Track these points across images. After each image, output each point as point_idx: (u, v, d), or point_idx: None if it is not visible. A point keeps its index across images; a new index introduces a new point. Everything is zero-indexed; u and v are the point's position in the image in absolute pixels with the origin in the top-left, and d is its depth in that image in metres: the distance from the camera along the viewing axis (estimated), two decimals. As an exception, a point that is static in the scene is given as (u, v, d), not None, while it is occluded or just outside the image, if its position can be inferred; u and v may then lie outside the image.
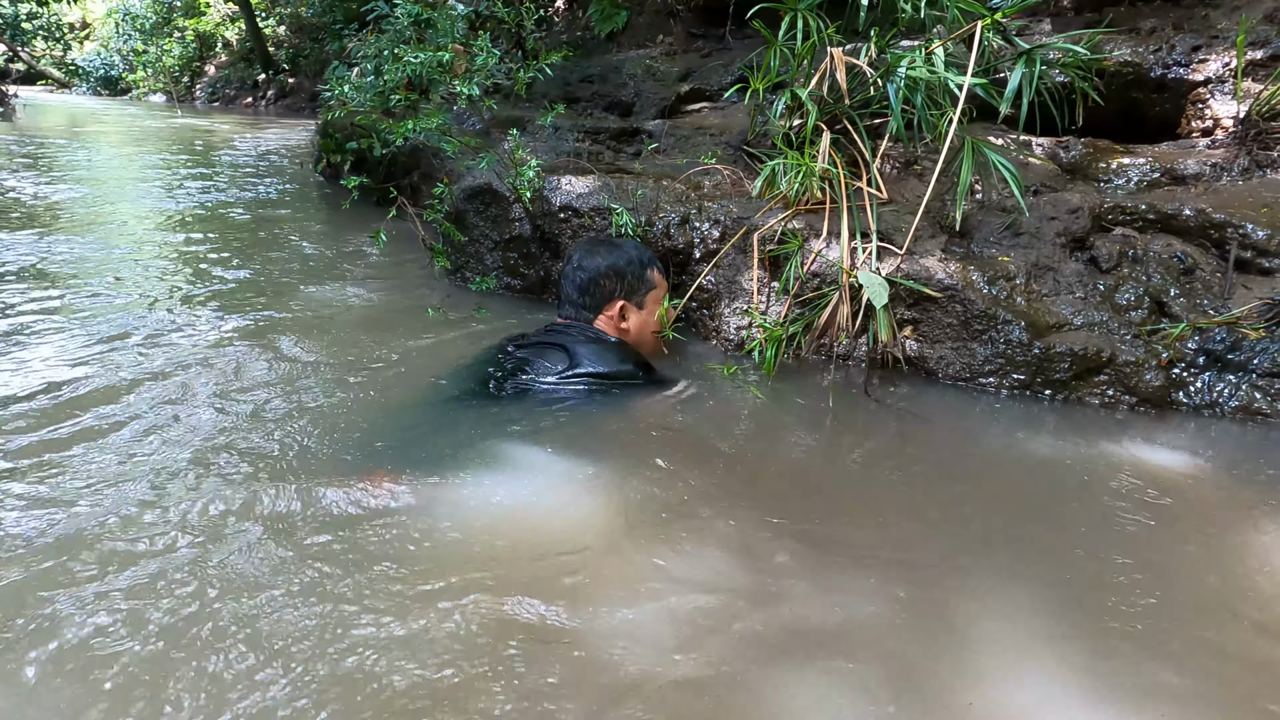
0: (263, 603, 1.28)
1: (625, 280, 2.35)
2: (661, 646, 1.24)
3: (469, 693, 1.13)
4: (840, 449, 2.02)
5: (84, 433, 1.80)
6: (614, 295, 2.34)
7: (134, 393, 2.04)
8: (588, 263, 2.36)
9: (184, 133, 10.08)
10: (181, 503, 1.54)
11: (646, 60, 4.91)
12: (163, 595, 1.29)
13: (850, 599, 1.38)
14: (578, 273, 2.36)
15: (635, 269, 2.38)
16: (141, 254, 3.56)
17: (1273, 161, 2.65)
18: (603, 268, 2.34)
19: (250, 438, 1.83)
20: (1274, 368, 2.15)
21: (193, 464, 1.70)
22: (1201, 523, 1.66)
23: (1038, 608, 1.38)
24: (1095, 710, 1.15)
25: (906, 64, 2.48)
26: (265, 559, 1.39)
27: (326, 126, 5.43)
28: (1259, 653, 1.28)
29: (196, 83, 19.26)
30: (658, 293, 2.41)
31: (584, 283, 2.34)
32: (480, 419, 1.96)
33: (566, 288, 2.39)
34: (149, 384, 2.09)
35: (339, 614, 1.27)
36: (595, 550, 1.49)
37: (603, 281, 2.34)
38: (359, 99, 3.03)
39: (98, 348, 2.33)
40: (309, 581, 1.34)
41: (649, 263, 2.43)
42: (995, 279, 2.33)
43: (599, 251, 2.39)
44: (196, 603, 1.28)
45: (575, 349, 2.18)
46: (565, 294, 2.40)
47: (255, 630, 1.22)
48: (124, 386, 2.07)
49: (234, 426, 1.88)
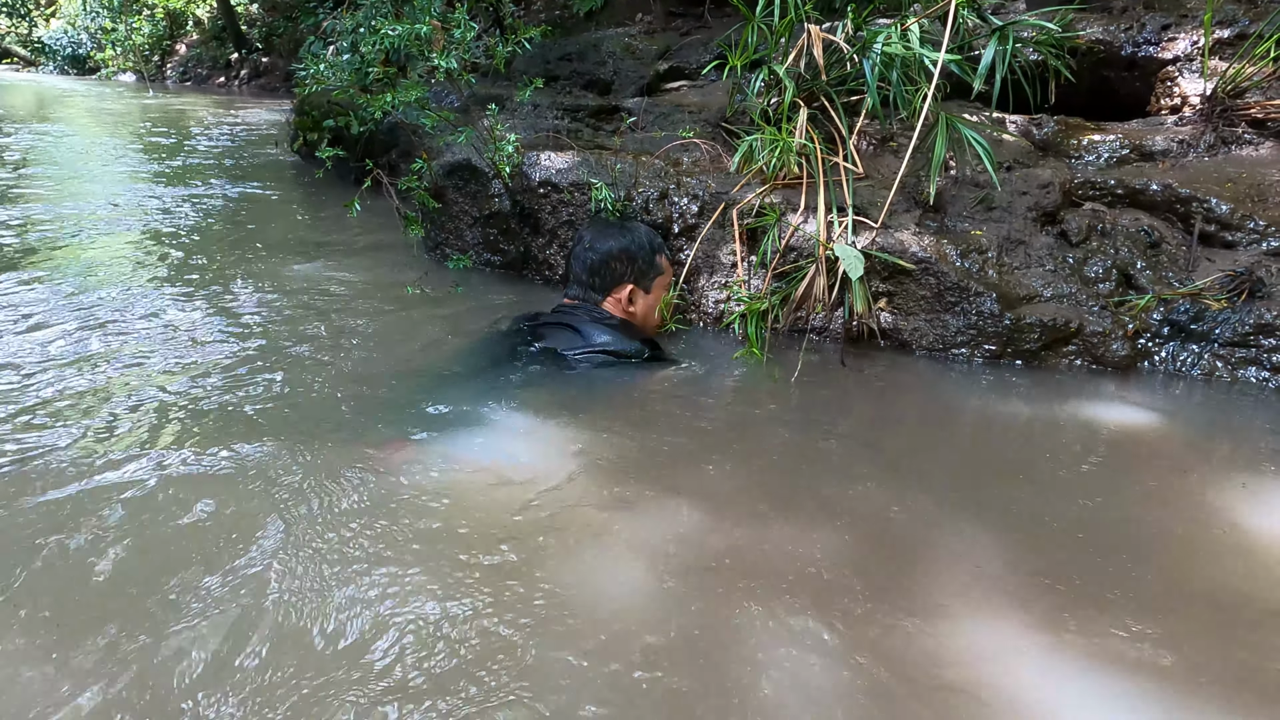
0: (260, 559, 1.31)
1: (636, 264, 2.37)
2: (633, 591, 1.28)
3: (444, 641, 1.17)
4: (814, 416, 2.06)
5: (57, 414, 1.80)
6: (624, 279, 2.36)
7: (103, 371, 2.04)
8: (599, 244, 2.37)
9: (156, 113, 9.90)
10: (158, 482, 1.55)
11: (625, 38, 4.90)
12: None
13: (815, 551, 1.42)
14: (588, 253, 2.36)
15: (646, 254, 2.40)
16: (113, 235, 3.53)
17: (1237, 138, 2.71)
18: (615, 250, 2.35)
19: (220, 407, 1.84)
20: (1235, 338, 2.22)
21: (178, 441, 1.71)
22: (1162, 476, 1.72)
23: (1004, 557, 1.43)
24: (1059, 653, 1.21)
25: (882, 40, 2.51)
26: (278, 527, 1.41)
27: (302, 104, 5.37)
28: (1219, 591, 1.35)
29: (167, 62, 18.87)
30: (664, 279, 2.45)
31: (594, 264, 2.35)
32: (488, 392, 2.00)
33: (576, 267, 2.39)
34: (119, 363, 2.09)
35: (330, 569, 1.29)
36: (572, 510, 1.52)
37: (613, 264, 2.35)
38: (336, 76, 3.00)
39: (68, 326, 2.32)
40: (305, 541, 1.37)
41: (659, 248, 2.46)
42: (968, 252, 2.38)
43: (611, 233, 2.40)
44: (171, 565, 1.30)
45: (584, 329, 2.22)
46: (574, 273, 2.40)
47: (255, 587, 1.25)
48: (92, 363, 2.07)
49: (208, 398, 1.89)
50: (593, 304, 2.35)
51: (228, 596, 1.24)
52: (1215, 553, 1.47)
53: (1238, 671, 1.18)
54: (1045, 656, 1.20)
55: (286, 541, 1.37)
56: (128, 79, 18.65)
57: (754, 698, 1.11)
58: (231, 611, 1.21)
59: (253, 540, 1.37)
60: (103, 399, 1.86)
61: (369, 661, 1.13)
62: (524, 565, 1.35)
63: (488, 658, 1.15)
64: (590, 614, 1.25)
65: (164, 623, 1.18)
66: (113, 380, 1.97)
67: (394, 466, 1.62)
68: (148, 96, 12.91)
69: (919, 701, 1.11)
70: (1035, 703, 1.12)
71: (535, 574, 1.33)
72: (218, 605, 1.22)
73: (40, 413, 1.77)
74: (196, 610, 1.21)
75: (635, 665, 1.15)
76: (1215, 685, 1.15)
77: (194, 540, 1.37)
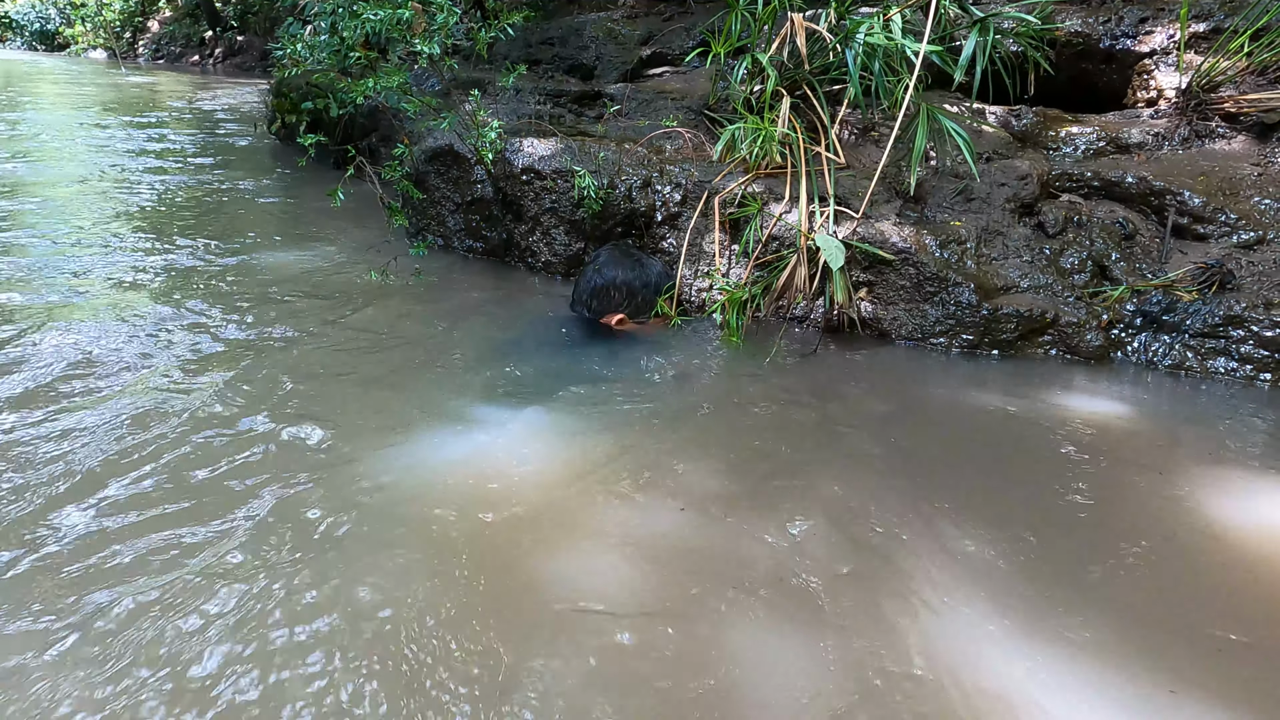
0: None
1: (635, 301, 2.45)
2: (618, 582, 1.30)
3: (441, 622, 1.18)
4: (793, 405, 2.08)
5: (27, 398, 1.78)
6: (620, 309, 2.43)
7: (83, 363, 2.01)
8: (608, 272, 2.44)
9: (128, 92, 9.70)
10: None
11: (608, 23, 4.87)
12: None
13: (792, 538, 1.45)
14: (595, 278, 2.44)
15: (649, 294, 2.47)
16: (85, 220, 3.47)
17: (1211, 132, 2.76)
18: (618, 281, 2.42)
19: (187, 395, 1.83)
20: (1205, 328, 2.26)
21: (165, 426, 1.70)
22: (1134, 463, 1.76)
23: (977, 537, 1.46)
24: (1036, 633, 1.24)
25: (865, 30, 2.52)
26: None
27: (280, 86, 5.30)
28: (1187, 569, 1.39)
29: (139, 39, 18.48)
30: (659, 321, 2.50)
31: (598, 289, 2.43)
32: (469, 383, 2.01)
33: (583, 286, 2.48)
34: (99, 355, 2.07)
35: (320, 553, 1.30)
36: (556, 498, 1.53)
37: (613, 293, 2.43)
38: (314, 58, 2.96)
39: (37, 310, 2.29)
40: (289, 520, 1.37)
41: (664, 290, 2.51)
42: (947, 243, 2.41)
43: (623, 265, 2.46)
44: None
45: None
46: (578, 291, 2.49)
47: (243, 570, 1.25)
48: (71, 351, 2.04)
49: (179, 387, 1.88)
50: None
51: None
52: (1185, 545, 1.51)
53: (1206, 662, 1.22)
54: (1011, 641, 1.24)
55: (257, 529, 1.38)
56: (99, 56, 18.24)
57: (730, 685, 1.13)
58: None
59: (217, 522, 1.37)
60: (47, 390, 1.84)
61: (336, 653, 1.14)
62: (500, 555, 1.37)
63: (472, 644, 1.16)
64: (571, 602, 1.27)
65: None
66: (67, 375, 1.95)
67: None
68: (119, 74, 12.63)
69: (891, 686, 1.14)
70: (1002, 687, 1.15)
71: (516, 566, 1.34)
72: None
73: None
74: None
75: (613, 656, 1.17)
76: (1173, 667, 1.19)
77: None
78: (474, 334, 2.33)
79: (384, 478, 1.56)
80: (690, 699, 1.10)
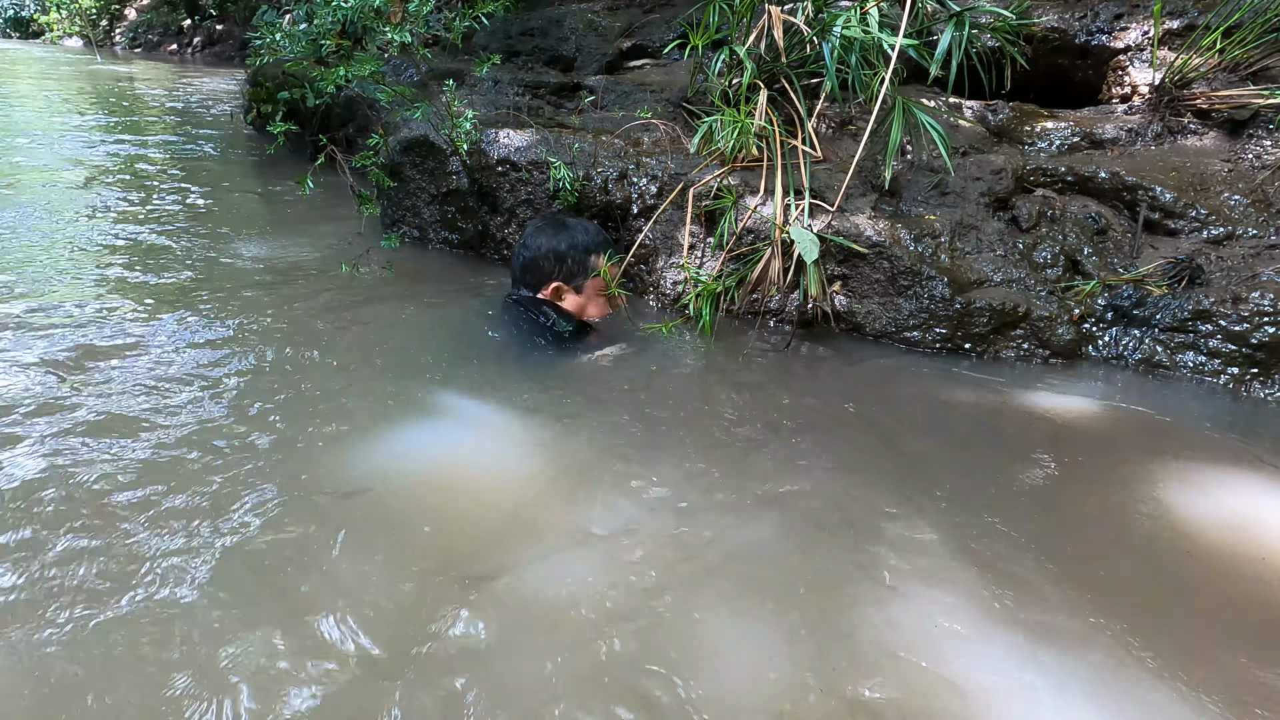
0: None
1: (565, 265, 2.38)
2: (586, 584, 1.29)
3: (415, 621, 1.17)
4: (765, 402, 2.08)
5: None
6: (551, 277, 2.37)
7: (64, 362, 1.98)
8: (532, 242, 2.39)
9: (104, 80, 9.56)
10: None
11: (588, 14, 4.83)
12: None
13: (761, 536, 1.45)
14: (522, 251, 2.40)
15: (578, 254, 2.39)
16: (59, 210, 3.41)
17: (1183, 128, 2.78)
18: (544, 249, 2.37)
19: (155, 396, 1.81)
20: (1174, 323, 2.28)
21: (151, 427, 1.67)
22: (1101, 458, 1.78)
23: (943, 535, 1.47)
24: (994, 622, 1.25)
25: (842, 24, 2.51)
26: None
27: (256, 75, 5.23)
28: (1152, 562, 1.40)
29: (116, 27, 18.20)
30: (599, 282, 2.43)
31: (526, 261, 2.39)
32: (436, 381, 1.99)
33: (515, 263, 2.43)
34: (78, 353, 2.04)
35: (294, 551, 1.28)
36: (526, 498, 1.52)
37: (541, 263, 2.37)
38: (290, 46, 2.92)
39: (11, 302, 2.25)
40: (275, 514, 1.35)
41: (596, 249, 2.42)
42: (921, 236, 2.41)
43: (546, 231, 2.40)
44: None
45: (526, 318, 2.31)
46: (513, 269, 2.45)
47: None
48: (52, 352, 2.01)
49: (154, 385, 1.85)
50: (527, 299, 2.39)
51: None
52: (1150, 538, 1.53)
53: (1175, 646, 1.24)
54: (983, 630, 1.24)
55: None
56: (74, 44, 17.95)
57: (704, 670, 1.13)
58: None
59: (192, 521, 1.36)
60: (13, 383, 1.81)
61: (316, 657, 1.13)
62: (462, 549, 1.36)
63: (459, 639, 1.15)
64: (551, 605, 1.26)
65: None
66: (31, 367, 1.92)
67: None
68: (95, 63, 12.44)
69: (860, 673, 1.14)
70: (977, 679, 1.15)
71: (496, 573, 1.34)
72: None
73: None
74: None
75: (591, 654, 1.16)
76: (1145, 660, 1.20)
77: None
78: (443, 329, 2.31)
79: (340, 474, 1.55)
80: (649, 675, 1.10)
